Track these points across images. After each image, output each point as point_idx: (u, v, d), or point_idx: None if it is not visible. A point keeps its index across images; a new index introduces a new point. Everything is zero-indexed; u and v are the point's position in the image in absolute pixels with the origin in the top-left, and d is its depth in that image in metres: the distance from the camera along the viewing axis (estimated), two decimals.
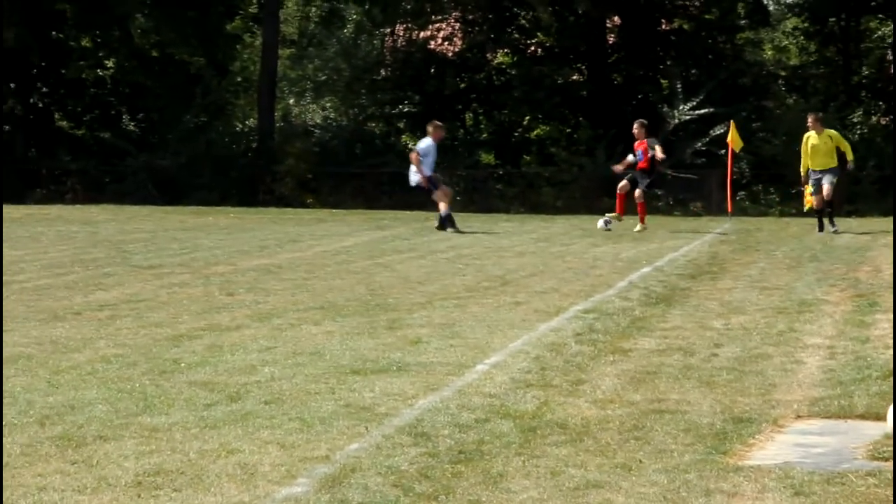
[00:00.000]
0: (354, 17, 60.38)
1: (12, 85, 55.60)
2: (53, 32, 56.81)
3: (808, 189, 35.45)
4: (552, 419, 12.58)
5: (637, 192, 36.55)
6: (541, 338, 17.63)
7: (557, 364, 15.65)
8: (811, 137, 35.30)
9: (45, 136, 56.67)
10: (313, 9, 61.76)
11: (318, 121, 60.80)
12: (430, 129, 38.09)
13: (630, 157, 37.36)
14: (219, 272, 25.66)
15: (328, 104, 61.38)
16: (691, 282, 24.53)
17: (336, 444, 11.50)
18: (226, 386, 14.16)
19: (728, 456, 11.26)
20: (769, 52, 59.03)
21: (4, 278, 23.46)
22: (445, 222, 36.08)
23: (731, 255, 29.81)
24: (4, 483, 10.33)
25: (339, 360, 15.77)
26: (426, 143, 37.74)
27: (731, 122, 45.21)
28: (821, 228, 35.15)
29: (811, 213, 36.12)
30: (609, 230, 33.26)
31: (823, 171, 34.88)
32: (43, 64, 56.69)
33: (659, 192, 50.22)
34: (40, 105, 58.38)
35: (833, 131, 36.32)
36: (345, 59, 60.52)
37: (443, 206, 36.27)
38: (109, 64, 58.72)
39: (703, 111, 52.17)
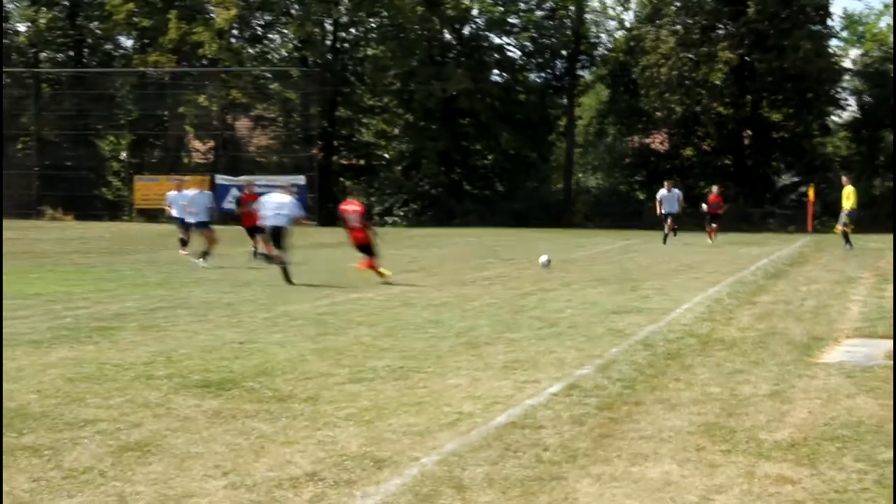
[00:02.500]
0: (612, 132, 59.97)
1: (442, 167, 55.99)
2: (462, 142, 57.23)
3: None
4: (716, 337, 12.33)
5: (713, 225, 35.49)
6: (709, 295, 17.25)
7: (718, 309, 15.31)
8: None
9: (456, 195, 56.80)
10: (591, 128, 61.43)
11: (594, 185, 60.54)
12: (666, 183, 35.83)
13: (704, 206, 36.36)
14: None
15: (599, 176, 61.12)
16: (789, 267, 23.83)
17: (604, 349, 11.40)
18: (548, 319, 14.12)
19: (811, 357, 10.96)
20: (831, 148, 57.02)
21: (434, 269, 23.64)
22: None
23: (811, 253, 28.96)
24: (439, 369, 10.41)
25: (606, 306, 15.62)
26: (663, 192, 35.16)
27: (812, 185, 44.06)
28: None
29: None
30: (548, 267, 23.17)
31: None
32: (458, 158, 57.07)
33: (771, 221, 49.17)
34: (455, 178, 58.64)
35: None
36: (608, 153, 60.23)
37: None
38: (489, 157, 58.98)
39: (795, 179, 50.81)
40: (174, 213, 26.96)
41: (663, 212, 34.64)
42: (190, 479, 6.38)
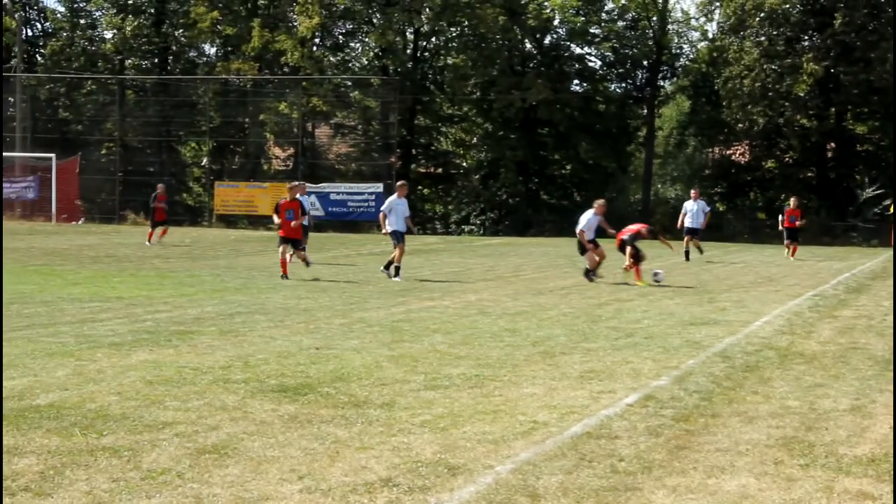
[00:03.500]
0: (693, 143, 59.45)
1: (520, 177, 56.04)
2: (540, 151, 57.07)
3: None
4: (796, 350, 12.18)
5: (793, 242, 32.70)
6: (789, 308, 17.06)
7: (798, 322, 15.13)
8: None
9: (533, 205, 56.70)
10: (671, 139, 60.93)
11: (672, 196, 59.95)
12: (693, 192, 33.94)
13: (780, 219, 33.50)
14: (618, 272, 25.47)
15: (678, 187, 60.55)
16: (871, 281, 23.46)
17: (681, 361, 11.32)
18: (624, 329, 14.06)
19: (892, 372, 10.76)
20: None
21: (510, 278, 23.56)
22: None
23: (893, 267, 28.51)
24: (515, 378, 10.40)
25: (682, 318, 15.51)
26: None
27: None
28: None
29: None
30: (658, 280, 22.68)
31: None
32: (536, 168, 56.98)
33: (854, 235, 48.36)
34: (532, 187, 58.52)
35: None
36: (688, 164, 59.75)
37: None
38: (567, 167, 58.74)
39: (879, 192, 49.94)
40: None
41: (686, 225, 31.68)
42: (266, 482, 6.46)
